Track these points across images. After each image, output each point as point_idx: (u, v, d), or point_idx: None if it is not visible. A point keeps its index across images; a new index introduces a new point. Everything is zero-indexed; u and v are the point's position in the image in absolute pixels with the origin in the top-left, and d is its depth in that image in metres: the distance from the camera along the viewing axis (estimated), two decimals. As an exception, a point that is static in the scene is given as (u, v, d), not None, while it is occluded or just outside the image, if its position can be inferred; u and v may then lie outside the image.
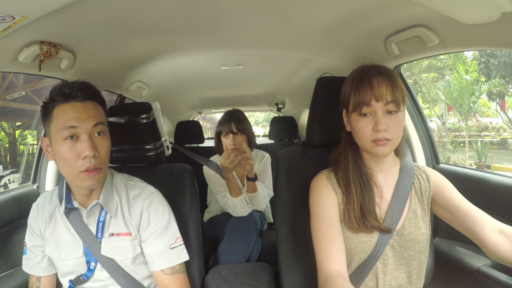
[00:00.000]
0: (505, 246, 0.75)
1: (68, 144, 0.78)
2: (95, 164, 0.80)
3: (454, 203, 0.84)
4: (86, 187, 0.82)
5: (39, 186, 1.33)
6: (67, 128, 0.78)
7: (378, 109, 0.78)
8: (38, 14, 0.80)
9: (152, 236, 0.90)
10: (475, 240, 0.80)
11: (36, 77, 4.93)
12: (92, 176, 0.80)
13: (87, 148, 0.78)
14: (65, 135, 0.78)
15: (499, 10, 0.75)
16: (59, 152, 0.79)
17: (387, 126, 0.77)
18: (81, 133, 0.79)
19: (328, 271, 0.77)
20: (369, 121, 0.79)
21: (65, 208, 0.87)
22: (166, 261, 0.90)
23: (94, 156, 0.79)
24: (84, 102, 0.81)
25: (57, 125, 0.79)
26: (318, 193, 0.86)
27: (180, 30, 1.22)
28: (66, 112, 0.79)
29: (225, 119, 1.64)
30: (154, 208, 0.91)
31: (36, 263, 0.93)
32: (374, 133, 0.78)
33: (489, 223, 0.78)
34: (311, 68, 1.91)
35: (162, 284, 0.91)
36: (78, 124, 0.79)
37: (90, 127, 0.80)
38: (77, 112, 0.79)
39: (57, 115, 0.80)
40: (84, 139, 0.79)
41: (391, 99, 0.77)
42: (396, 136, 0.79)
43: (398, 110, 0.79)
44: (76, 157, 0.78)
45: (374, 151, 0.80)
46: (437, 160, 1.40)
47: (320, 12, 1.09)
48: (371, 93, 0.78)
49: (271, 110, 3.62)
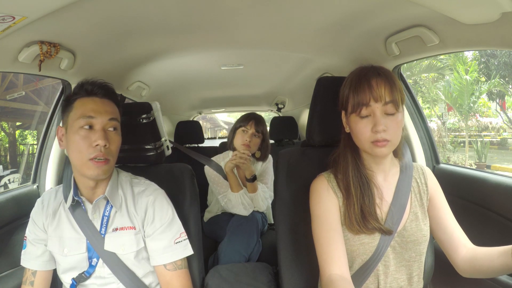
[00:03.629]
0: (473, 265, 0.79)
1: (84, 132, 0.85)
2: (104, 153, 0.85)
3: (441, 214, 0.87)
4: (91, 175, 0.85)
5: (39, 186, 1.33)
6: (85, 118, 0.85)
7: (377, 109, 0.78)
8: (38, 14, 0.80)
9: (157, 231, 0.92)
10: (447, 255, 0.86)
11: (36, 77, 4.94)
12: (99, 166, 0.84)
13: (99, 137, 0.84)
14: (82, 124, 0.85)
15: (499, 10, 0.75)
16: (73, 139, 0.85)
17: (386, 127, 0.77)
18: (97, 123, 0.86)
19: (330, 275, 0.77)
20: (368, 122, 0.79)
21: (73, 200, 0.89)
22: (171, 255, 0.92)
23: (105, 146, 0.85)
24: (102, 99, 0.90)
25: (76, 114, 0.86)
26: (318, 196, 0.86)
27: (180, 30, 1.22)
28: (86, 104, 0.87)
29: (247, 117, 1.71)
30: (159, 204, 0.94)
31: (36, 257, 0.94)
32: (373, 134, 0.78)
33: (462, 242, 0.83)
34: (311, 68, 1.91)
35: (164, 279, 0.92)
36: (96, 115, 0.86)
37: (106, 120, 0.87)
38: (96, 105, 0.87)
39: (77, 106, 0.88)
40: (98, 129, 0.86)
41: (390, 100, 0.77)
42: (395, 137, 0.79)
43: (397, 111, 0.79)
44: (88, 145, 0.84)
45: (374, 152, 0.80)
46: (437, 160, 1.40)
47: (320, 12, 1.10)
48: (370, 93, 0.78)
49: (271, 110, 3.62)
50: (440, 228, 0.86)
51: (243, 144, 1.64)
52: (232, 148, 1.72)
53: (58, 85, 1.37)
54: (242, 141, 1.65)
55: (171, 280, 0.92)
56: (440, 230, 0.86)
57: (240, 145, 1.66)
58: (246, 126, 1.68)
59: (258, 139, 1.69)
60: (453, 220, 0.87)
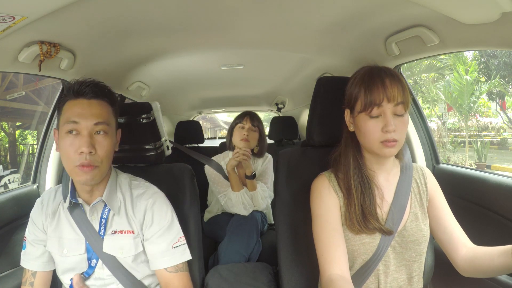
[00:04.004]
0: (473, 265, 0.79)
1: (70, 138, 0.82)
2: (90, 161, 0.82)
3: (441, 214, 0.87)
4: (80, 181, 0.84)
5: (39, 186, 1.33)
6: (69, 123, 0.82)
7: (388, 110, 0.77)
8: (38, 14, 0.80)
9: (155, 235, 0.91)
10: (447, 254, 0.86)
11: (36, 77, 4.94)
12: (86, 171, 0.82)
13: (84, 144, 0.81)
14: (67, 129, 0.82)
15: (499, 10, 0.75)
16: (62, 144, 0.83)
17: (396, 127, 0.77)
18: (82, 129, 0.82)
19: (331, 275, 0.77)
20: (378, 121, 0.78)
21: (70, 203, 0.88)
22: (169, 260, 0.91)
23: (90, 153, 0.81)
24: (90, 100, 0.85)
25: (63, 119, 0.84)
26: (319, 196, 0.86)
27: (180, 30, 1.22)
28: (72, 107, 0.84)
29: (242, 113, 1.75)
30: (158, 207, 0.93)
31: (36, 257, 0.94)
32: (383, 134, 0.78)
33: (462, 241, 0.84)
34: (311, 68, 1.91)
35: (165, 282, 0.92)
36: (80, 120, 0.82)
37: (91, 125, 0.83)
38: (81, 109, 0.83)
39: (65, 110, 0.84)
40: (84, 135, 0.82)
41: (401, 100, 0.77)
42: (402, 137, 0.80)
43: (405, 112, 0.79)
44: (74, 152, 0.81)
45: (382, 152, 0.79)
46: (437, 160, 1.40)
47: (320, 12, 1.09)
48: (384, 93, 0.77)
49: (271, 110, 3.62)
50: (440, 228, 0.87)
51: (242, 139, 1.66)
52: (232, 148, 1.73)
53: (58, 85, 1.37)
54: (241, 136, 1.67)
55: (173, 283, 0.91)
56: (440, 230, 0.86)
57: (239, 141, 1.67)
58: (242, 122, 1.71)
59: (256, 134, 1.71)
60: (453, 220, 0.87)
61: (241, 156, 1.56)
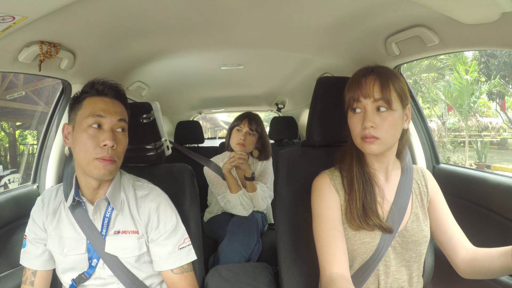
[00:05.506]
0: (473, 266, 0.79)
1: (92, 131, 0.84)
2: (111, 155, 0.84)
3: (441, 216, 0.87)
4: (97, 174, 0.84)
5: (39, 186, 1.33)
6: (94, 116, 0.85)
7: (368, 105, 0.79)
8: (38, 14, 0.80)
9: (161, 237, 0.92)
10: (447, 256, 0.86)
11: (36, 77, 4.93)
12: (106, 165, 0.84)
13: (108, 137, 0.84)
14: (90, 122, 0.85)
15: (499, 10, 0.75)
16: (81, 137, 0.84)
17: (376, 124, 0.78)
18: (106, 123, 0.86)
19: (331, 274, 0.77)
20: (360, 117, 0.80)
21: (73, 200, 0.89)
22: (175, 261, 0.92)
23: (112, 147, 0.84)
24: (113, 99, 0.90)
25: (85, 113, 0.86)
26: (320, 194, 0.86)
27: (180, 30, 1.22)
28: (96, 103, 0.87)
29: (241, 115, 1.71)
30: (163, 210, 0.93)
31: (36, 256, 0.94)
32: (362, 130, 0.79)
33: (461, 243, 0.84)
34: (311, 68, 1.91)
35: (172, 283, 0.92)
36: (105, 115, 0.86)
37: (115, 120, 0.87)
38: (106, 105, 0.87)
39: (86, 105, 0.87)
40: (106, 129, 0.85)
41: (379, 97, 0.78)
42: (386, 136, 0.79)
43: (389, 109, 0.78)
44: (95, 145, 0.83)
45: (363, 148, 0.81)
46: (437, 160, 1.40)
47: (320, 12, 1.10)
48: (359, 91, 0.80)
49: (271, 110, 3.62)
50: (440, 230, 0.87)
51: (238, 143, 1.64)
52: (230, 149, 1.72)
53: (58, 85, 1.37)
54: (237, 140, 1.65)
55: (179, 283, 0.92)
56: (440, 231, 0.87)
57: (235, 145, 1.65)
58: (240, 125, 1.67)
59: (253, 137, 1.67)
60: (452, 222, 0.87)
61: (237, 161, 1.54)
